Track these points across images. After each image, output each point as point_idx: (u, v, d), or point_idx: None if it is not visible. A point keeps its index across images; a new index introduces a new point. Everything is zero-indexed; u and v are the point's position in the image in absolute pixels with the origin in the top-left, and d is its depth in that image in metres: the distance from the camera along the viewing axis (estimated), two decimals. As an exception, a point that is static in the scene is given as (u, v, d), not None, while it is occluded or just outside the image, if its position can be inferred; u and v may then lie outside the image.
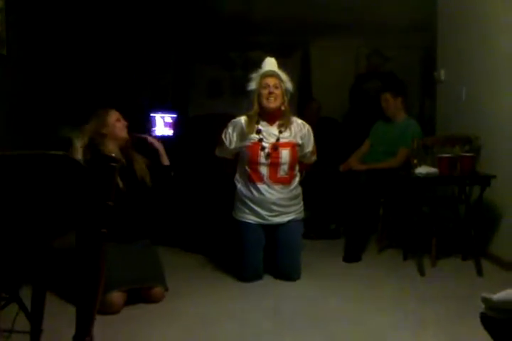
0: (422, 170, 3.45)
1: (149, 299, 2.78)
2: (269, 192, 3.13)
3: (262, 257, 3.20)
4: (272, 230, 3.20)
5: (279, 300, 2.86)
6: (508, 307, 2.30)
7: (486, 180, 3.36)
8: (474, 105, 3.86)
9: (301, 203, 3.30)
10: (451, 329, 2.44)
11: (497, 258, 3.45)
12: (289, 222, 3.20)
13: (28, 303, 1.51)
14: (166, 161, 3.12)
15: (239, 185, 3.23)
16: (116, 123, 2.88)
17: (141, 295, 2.77)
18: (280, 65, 3.30)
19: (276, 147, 3.12)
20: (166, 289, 2.85)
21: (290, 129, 3.19)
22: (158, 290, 2.80)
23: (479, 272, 3.25)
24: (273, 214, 3.16)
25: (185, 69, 5.84)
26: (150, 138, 3.21)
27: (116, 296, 2.62)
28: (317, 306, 2.77)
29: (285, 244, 3.18)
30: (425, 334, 2.41)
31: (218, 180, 3.76)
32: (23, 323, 1.58)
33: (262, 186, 3.13)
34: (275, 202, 3.14)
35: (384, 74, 5.30)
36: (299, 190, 3.29)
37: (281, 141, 3.14)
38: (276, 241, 3.20)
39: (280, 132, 3.16)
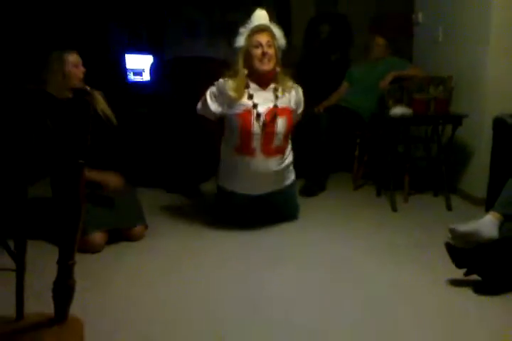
0: (398, 110, 3.52)
1: (130, 238, 2.87)
2: (262, 166, 2.81)
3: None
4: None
5: (259, 234, 2.96)
6: (470, 238, 2.46)
7: (458, 120, 3.45)
8: (450, 46, 3.89)
9: (293, 170, 3.07)
10: (420, 256, 2.61)
11: (466, 194, 3.60)
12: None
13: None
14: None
15: (225, 156, 2.92)
16: (73, 70, 2.76)
17: (122, 234, 2.86)
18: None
19: (275, 115, 2.76)
20: (146, 227, 2.94)
21: (286, 94, 2.84)
22: (138, 229, 2.88)
23: (449, 207, 3.40)
24: (266, 187, 2.92)
25: (161, 9, 5.70)
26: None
27: (97, 236, 2.70)
28: (294, 238, 2.91)
29: (282, 203, 3.09)
30: (396, 259, 2.57)
31: (198, 124, 3.79)
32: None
33: (253, 159, 2.80)
34: (267, 176, 2.86)
35: (335, 18, 5.33)
36: (291, 158, 3.04)
37: (280, 106, 2.79)
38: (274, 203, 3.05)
39: (276, 97, 2.80)
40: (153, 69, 4.73)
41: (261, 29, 2.78)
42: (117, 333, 1.88)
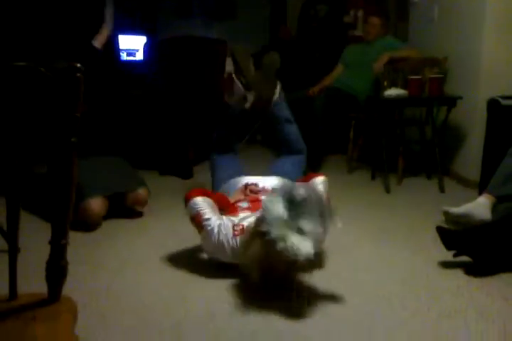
0: (392, 92, 3.53)
1: (135, 203, 2.86)
2: None
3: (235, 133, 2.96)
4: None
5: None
6: (463, 220, 2.47)
7: (452, 101, 3.45)
8: (445, 26, 3.87)
9: None
10: (412, 238, 2.62)
11: (459, 176, 3.61)
12: None
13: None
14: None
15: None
16: None
17: (124, 201, 2.84)
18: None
19: None
20: (149, 191, 2.95)
21: None
22: (141, 192, 2.88)
23: (442, 189, 3.41)
24: None
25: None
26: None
27: (96, 203, 2.65)
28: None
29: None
30: (388, 241, 2.59)
31: (192, 105, 3.76)
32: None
33: None
34: None
35: None
36: None
37: None
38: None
39: None
40: (147, 50, 4.68)
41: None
42: (111, 314, 1.88)
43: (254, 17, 5.76)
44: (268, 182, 2.52)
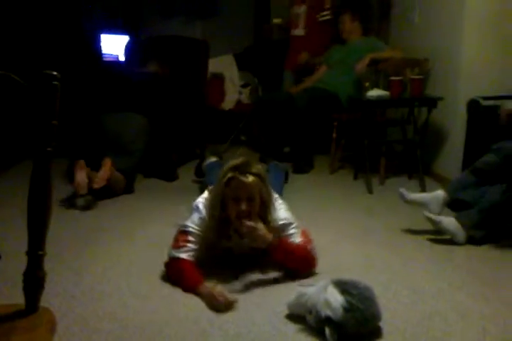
0: (374, 93, 3.54)
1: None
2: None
3: None
4: None
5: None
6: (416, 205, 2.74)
7: (433, 102, 3.47)
8: (426, 28, 3.89)
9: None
10: (392, 239, 2.65)
11: (440, 176, 3.64)
12: None
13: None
14: None
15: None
16: None
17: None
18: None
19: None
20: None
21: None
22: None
23: (423, 189, 3.43)
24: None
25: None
26: None
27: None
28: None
29: None
30: (368, 242, 2.60)
31: (176, 107, 3.74)
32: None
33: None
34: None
35: None
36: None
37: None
38: None
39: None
40: (129, 49, 4.65)
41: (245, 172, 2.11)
42: (93, 319, 1.87)
43: (238, 16, 5.74)
44: None
